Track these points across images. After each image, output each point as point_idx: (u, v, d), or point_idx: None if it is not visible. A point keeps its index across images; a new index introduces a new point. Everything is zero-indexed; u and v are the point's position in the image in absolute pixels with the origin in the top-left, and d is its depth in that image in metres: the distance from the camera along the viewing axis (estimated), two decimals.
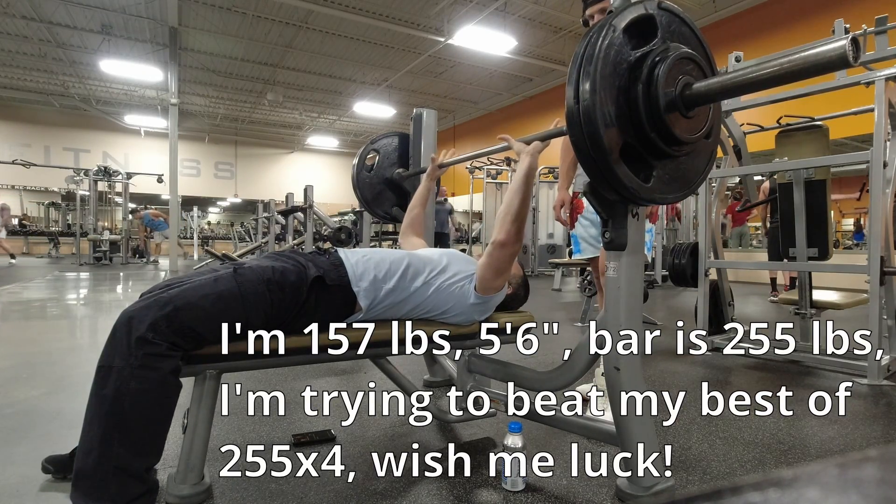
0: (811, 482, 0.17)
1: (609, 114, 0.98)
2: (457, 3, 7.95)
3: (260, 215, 9.79)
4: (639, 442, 1.25)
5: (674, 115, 1.01)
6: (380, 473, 1.42)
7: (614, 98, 0.99)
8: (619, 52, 0.99)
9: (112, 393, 1.07)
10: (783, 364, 2.78)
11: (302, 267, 1.35)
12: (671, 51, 1.02)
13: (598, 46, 0.97)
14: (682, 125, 1.03)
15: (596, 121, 0.96)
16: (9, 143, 14.14)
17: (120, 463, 1.06)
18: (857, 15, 4.60)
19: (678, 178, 1.12)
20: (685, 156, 1.10)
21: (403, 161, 2.42)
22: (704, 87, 0.99)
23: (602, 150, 0.97)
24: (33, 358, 2.61)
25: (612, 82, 0.99)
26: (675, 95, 1.00)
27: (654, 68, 1.00)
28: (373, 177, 2.38)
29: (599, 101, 0.96)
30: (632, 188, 1.03)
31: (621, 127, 1.00)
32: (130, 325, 1.11)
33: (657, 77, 0.98)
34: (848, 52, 0.75)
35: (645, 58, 1.01)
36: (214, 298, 1.20)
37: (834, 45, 0.77)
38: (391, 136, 2.47)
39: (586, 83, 0.96)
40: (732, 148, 3.30)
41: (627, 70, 1.01)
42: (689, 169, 1.14)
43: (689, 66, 1.03)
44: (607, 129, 0.97)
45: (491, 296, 1.56)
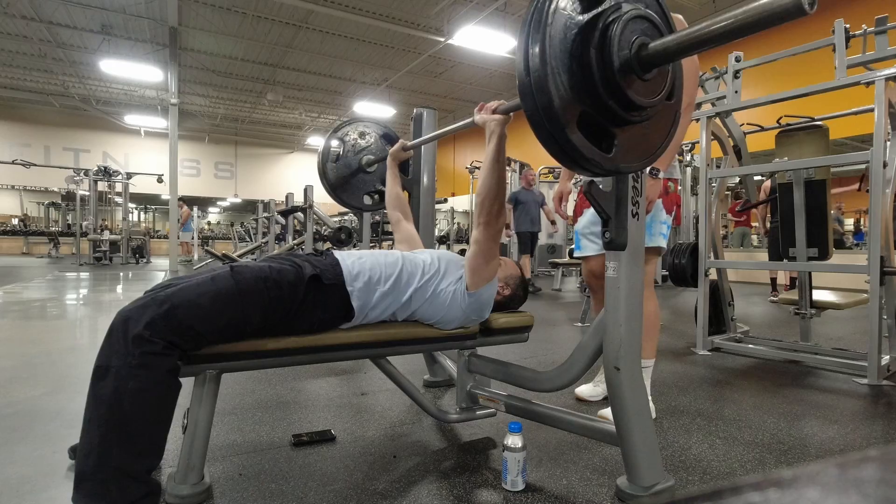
0: (811, 482, 0.17)
1: (562, 83, 0.92)
2: (457, 3, 7.95)
3: (260, 215, 9.79)
4: (639, 442, 1.25)
5: (630, 78, 0.95)
6: (380, 473, 1.42)
7: (567, 65, 0.93)
8: (568, 15, 0.94)
9: (110, 393, 1.06)
10: (783, 364, 2.78)
11: (298, 267, 1.35)
12: (624, 10, 0.96)
13: (546, 11, 0.91)
14: (640, 88, 0.97)
15: (549, 91, 0.90)
16: (9, 143, 14.15)
17: (120, 464, 1.05)
18: (857, 15, 4.60)
19: (642, 144, 1.07)
20: (647, 120, 1.04)
21: (369, 148, 2.35)
22: (661, 45, 0.93)
23: (558, 121, 0.92)
24: (33, 358, 2.61)
25: (563, 48, 0.92)
26: (631, 57, 0.94)
27: (606, 30, 0.94)
28: (339, 166, 2.30)
29: (551, 71, 0.90)
30: (593, 160, 0.98)
31: (576, 96, 0.94)
32: (127, 324, 1.10)
33: (610, 39, 0.93)
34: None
35: (596, 20, 0.95)
36: (212, 296, 1.20)
37: None
38: (355, 123, 2.39)
39: (535, 51, 0.90)
40: (732, 148, 3.30)
41: (579, 34, 0.94)
42: (652, 134, 1.08)
43: (643, 25, 0.97)
44: (561, 99, 0.92)
45: (482, 289, 1.53)
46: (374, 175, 2.35)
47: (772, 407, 2.04)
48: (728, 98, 3.04)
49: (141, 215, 20.64)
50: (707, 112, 3.07)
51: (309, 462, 1.48)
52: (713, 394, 2.21)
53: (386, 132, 2.41)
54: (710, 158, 3.13)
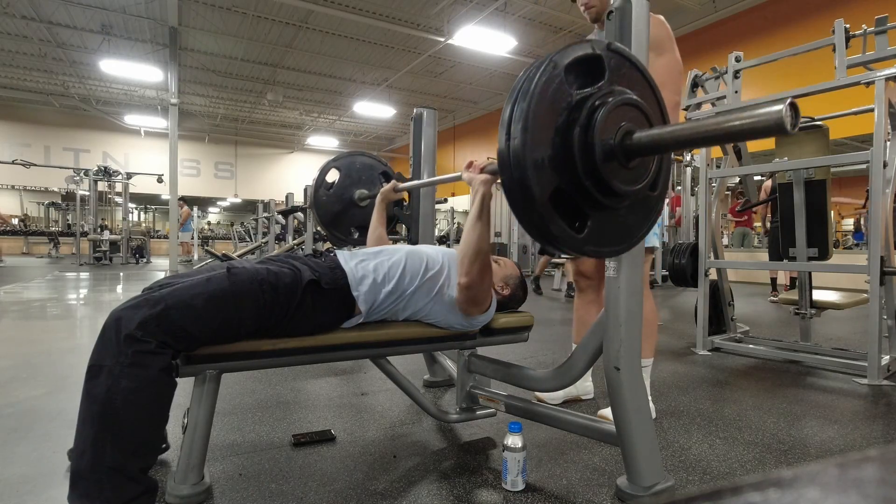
0: (811, 482, 0.17)
1: (541, 157, 0.90)
2: (457, 3, 7.95)
3: (260, 215, 9.79)
4: (639, 442, 1.25)
5: (612, 164, 0.93)
6: (380, 473, 1.42)
7: (549, 139, 0.91)
8: (558, 90, 0.91)
9: (103, 392, 1.06)
10: (783, 364, 2.78)
11: (296, 270, 1.33)
12: (614, 95, 0.94)
13: (535, 82, 0.89)
14: (622, 176, 0.94)
15: (525, 163, 0.88)
16: (9, 143, 14.15)
17: (114, 464, 1.05)
18: (857, 15, 4.60)
19: (617, 230, 1.03)
20: (625, 208, 1.01)
21: (365, 182, 2.37)
22: (646, 137, 0.91)
23: (531, 195, 0.89)
24: (33, 358, 2.61)
25: (547, 122, 0.91)
26: (615, 144, 0.92)
27: (593, 112, 0.91)
28: (331, 196, 2.31)
29: (530, 142, 0.88)
30: (562, 238, 0.94)
31: (554, 171, 0.92)
32: (119, 323, 1.10)
33: (596, 122, 0.90)
34: (785, 117, 0.71)
35: (586, 100, 0.93)
36: (206, 298, 1.19)
37: (772, 108, 0.72)
38: (356, 155, 2.41)
39: (519, 120, 0.88)
40: (732, 148, 3.30)
41: (566, 111, 0.92)
42: (628, 222, 1.05)
43: (632, 113, 0.95)
44: (538, 173, 0.89)
45: (477, 318, 1.54)
46: (365, 210, 2.34)
47: (772, 407, 2.04)
48: (728, 98, 3.04)
49: (141, 215, 20.64)
50: (707, 112, 3.07)
51: (309, 462, 1.48)
52: (713, 394, 2.21)
53: (385, 170, 2.41)
54: (710, 158, 3.13)
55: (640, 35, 1.25)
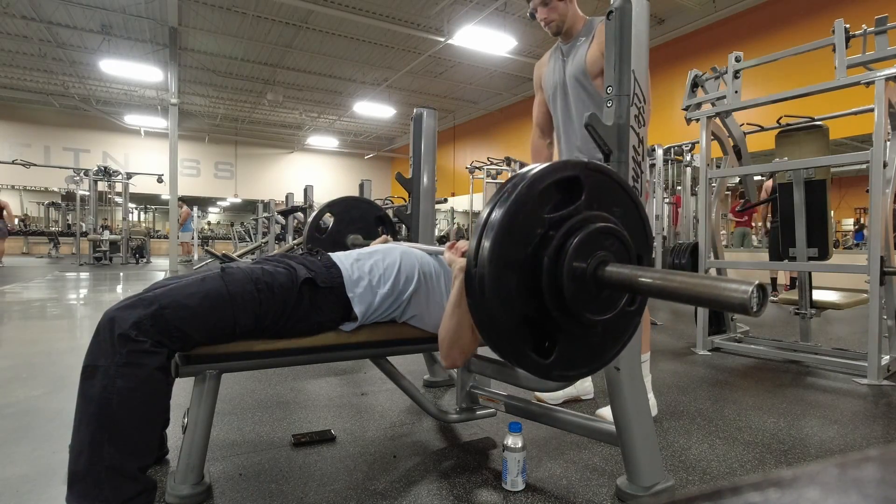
0: (811, 482, 0.17)
1: (508, 286, 0.87)
2: (457, 3, 7.94)
3: (260, 215, 9.79)
4: (639, 442, 1.25)
5: (583, 293, 0.89)
6: (380, 473, 1.42)
7: (519, 266, 0.88)
8: (529, 216, 0.88)
9: (98, 392, 1.05)
10: (783, 364, 2.78)
11: (292, 269, 1.32)
12: (589, 222, 0.90)
13: (508, 206, 0.86)
14: (594, 304, 0.91)
15: (490, 292, 0.86)
16: (9, 143, 14.15)
17: (111, 463, 1.05)
18: (857, 15, 4.60)
19: (588, 351, 1.00)
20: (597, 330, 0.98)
21: (359, 227, 2.38)
22: (618, 274, 0.88)
23: (495, 323, 0.87)
24: (33, 358, 2.61)
25: (517, 250, 0.88)
26: (587, 274, 0.89)
27: (565, 239, 0.88)
28: (325, 239, 2.33)
29: (497, 273, 0.86)
30: (526, 364, 0.92)
31: (521, 300, 0.89)
32: (113, 323, 1.09)
33: (567, 251, 0.87)
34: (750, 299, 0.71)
35: (560, 223, 0.89)
36: (201, 297, 1.18)
37: (740, 288, 0.72)
38: (352, 200, 2.44)
39: (486, 247, 0.85)
40: (732, 148, 3.30)
41: (540, 235, 0.89)
42: (602, 341, 1.01)
43: (608, 241, 0.92)
44: (503, 303, 0.87)
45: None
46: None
47: (772, 407, 2.04)
48: (728, 98, 3.04)
49: (141, 215, 20.64)
50: (707, 112, 3.07)
51: (309, 462, 1.48)
52: (713, 394, 2.21)
53: (380, 215, 2.43)
54: (710, 158, 3.13)
55: (640, 35, 1.25)
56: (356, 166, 18.97)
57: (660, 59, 8.17)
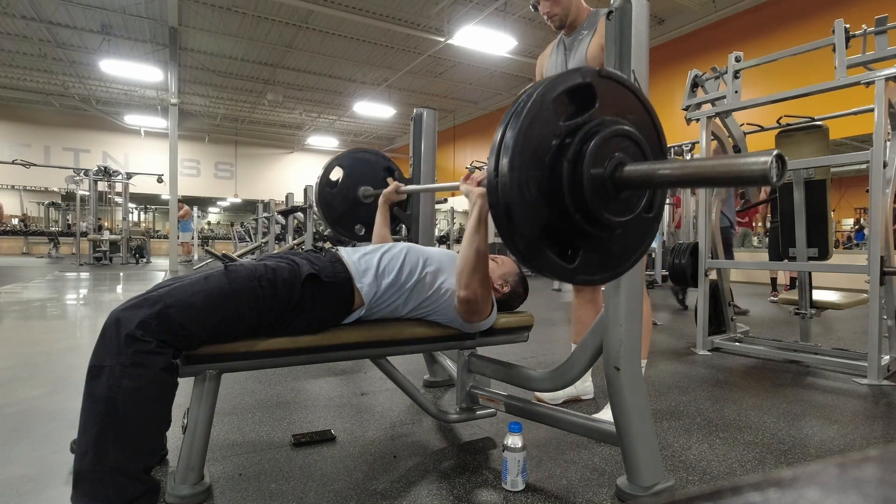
0: (811, 482, 0.17)
1: (529, 193, 0.89)
2: (457, 3, 7.95)
3: (260, 215, 9.79)
4: (639, 442, 1.25)
5: (602, 196, 0.91)
6: (380, 473, 1.42)
7: (536, 176, 0.89)
8: (547, 121, 0.89)
9: (104, 392, 1.06)
10: (783, 364, 2.78)
11: (295, 265, 1.34)
12: (605, 126, 0.91)
13: (524, 115, 0.87)
14: (613, 207, 0.93)
15: (513, 200, 0.87)
16: (9, 143, 14.15)
17: (116, 464, 1.05)
18: (857, 15, 4.60)
19: (610, 257, 1.02)
20: (618, 235, 1.00)
21: (369, 178, 2.39)
22: (636, 172, 0.89)
23: (520, 230, 0.88)
24: (33, 358, 2.61)
25: (535, 158, 0.89)
26: (605, 177, 0.90)
27: (583, 144, 0.89)
28: (336, 194, 2.32)
29: (518, 180, 0.87)
30: (552, 270, 0.94)
31: (543, 207, 0.90)
32: (119, 323, 1.10)
33: (585, 154, 0.89)
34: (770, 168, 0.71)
35: (576, 130, 0.90)
36: (205, 296, 1.19)
37: (759, 159, 0.72)
38: (358, 153, 2.42)
39: (505, 158, 0.87)
40: (732, 148, 3.30)
41: (556, 141, 0.90)
42: (623, 247, 1.03)
43: (624, 143, 0.93)
44: (526, 209, 0.88)
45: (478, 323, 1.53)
46: (369, 206, 2.35)
47: (772, 407, 2.04)
48: (728, 98, 3.04)
49: (141, 215, 20.64)
50: (707, 112, 3.07)
51: (309, 462, 1.48)
52: (713, 394, 2.21)
53: (388, 165, 2.42)
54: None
55: (640, 35, 1.25)
56: None
57: (660, 59, 8.17)
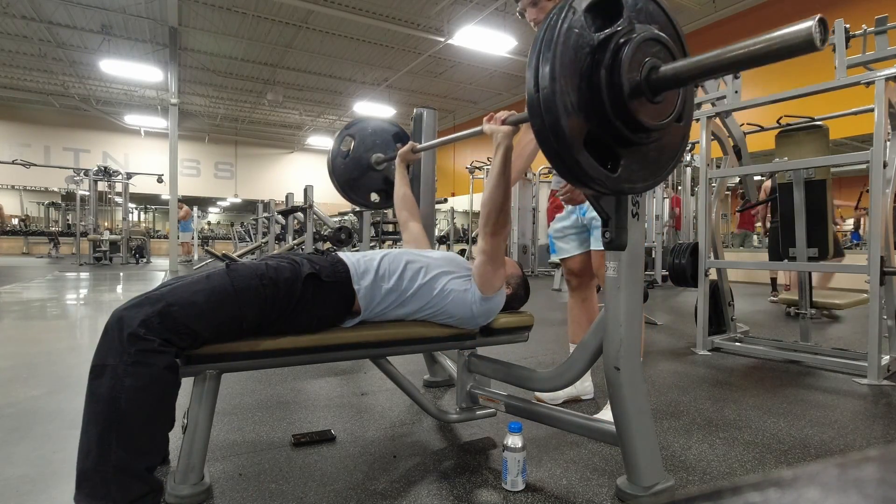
0: (811, 482, 0.17)
1: (570, 102, 0.92)
2: (457, 3, 7.95)
3: (260, 215, 9.79)
4: (639, 442, 1.25)
5: (640, 100, 0.95)
6: (380, 473, 1.42)
7: (576, 85, 0.93)
8: (580, 34, 0.93)
9: (107, 392, 1.06)
10: (783, 364, 2.77)
11: (296, 264, 1.35)
12: (636, 32, 0.95)
13: (558, 30, 0.91)
14: (649, 111, 0.97)
15: (556, 110, 0.91)
16: (9, 143, 14.14)
17: (119, 463, 1.05)
18: (857, 15, 4.60)
19: (648, 164, 1.07)
20: (654, 142, 1.05)
21: (379, 146, 2.39)
22: (672, 70, 0.93)
23: (564, 140, 0.92)
24: (33, 358, 2.61)
25: (573, 68, 0.93)
26: (641, 80, 0.94)
27: (617, 52, 0.93)
28: (348, 162, 2.33)
29: (559, 89, 0.91)
30: (598, 179, 0.98)
31: (584, 115, 0.94)
32: (122, 322, 1.10)
33: (621, 61, 0.93)
34: (815, 34, 0.71)
35: (608, 40, 0.94)
36: (207, 294, 1.19)
37: (801, 26, 0.72)
38: (367, 121, 2.43)
39: (546, 69, 0.91)
40: (732, 148, 3.30)
41: (590, 54, 0.94)
42: (659, 155, 1.09)
43: (655, 48, 0.97)
44: (569, 118, 0.92)
45: (494, 295, 1.54)
46: (382, 173, 2.37)
47: (772, 407, 2.04)
48: (728, 98, 3.04)
49: (141, 215, 20.64)
50: (707, 112, 3.07)
51: (309, 462, 1.48)
52: (713, 394, 2.20)
53: (397, 131, 2.42)
54: (710, 158, 3.13)
55: None
56: None
57: None
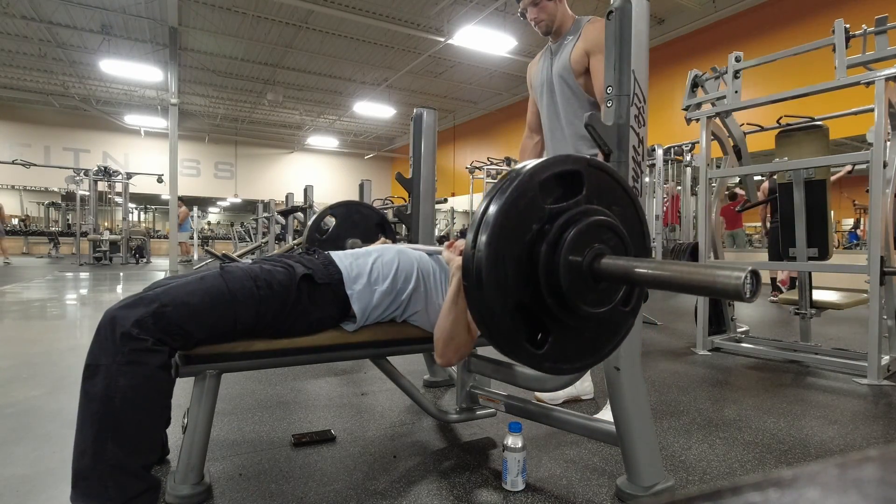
0: (811, 482, 0.17)
1: (505, 272, 0.89)
2: (457, 3, 7.94)
3: (260, 215, 9.79)
4: (639, 442, 1.25)
5: (579, 285, 0.91)
6: (380, 473, 1.42)
7: (516, 254, 0.90)
8: (530, 204, 0.90)
9: (101, 391, 1.06)
10: (783, 364, 2.78)
11: (289, 267, 1.34)
12: (588, 215, 0.92)
13: (507, 195, 0.88)
14: (590, 297, 0.93)
15: (488, 275, 0.87)
16: (9, 143, 14.14)
17: (115, 462, 1.05)
18: (857, 15, 4.60)
19: (581, 346, 1.00)
20: (591, 325, 0.99)
21: (360, 232, 2.43)
22: (613, 266, 0.90)
23: (489, 307, 0.88)
24: (33, 358, 2.61)
25: (516, 236, 0.89)
26: (583, 266, 0.90)
27: (563, 230, 0.90)
28: (325, 241, 2.39)
29: (494, 257, 0.87)
30: (518, 352, 0.93)
31: (518, 285, 0.90)
32: (115, 322, 1.09)
33: (565, 241, 0.89)
34: (743, 286, 0.72)
35: (558, 216, 0.91)
36: (202, 295, 1.19)
37: (733, 275, 0.73)
38: (354, 205, 2.50)
39: (484, 234, 0.87)
40: (732, 148, 3.30)
41: (538, 226, 0.91)
42: (595, 338, 1.02)
43: (606, 234, 0.94)
44: (500, 287, 0.88)
45: None
46: None
47: (772, 407, 2.04)
48: (728, 98, 3.04)
49: (141, 215, 20.64)
50: (707, 112, 3.07)
51: (309, 462, 1.48)
52: (713, 394, 2.21)
53: (381, 222, 2.48)
54: (710, 158, 3.13)
55: (640, 35, 1.25)
56: (356, 166, 18.97)
57: (660, 59, 8.17)
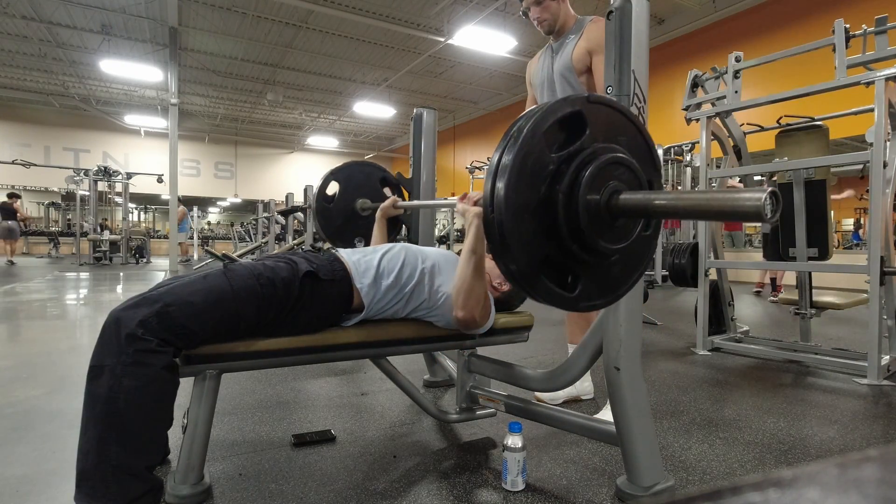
0: (811, 482, 0.17)
1: (526, 228, 0.88)
2: (457, 3, 7.94)
3: (260, 215, 9.80)
4: (639, 442, 1.25)
5: (599, 225, 0.90)
6: (380, 473, 1.42)
7: (532, 209, 0.89)
8: (538, 158, 0.88)
9: (105, 392, 1.06)
10: (783, 364, 2.78)
11: (293, 264, 1.35)
12: (597, 154, 0.90)
13: (515, 153, 0.86)
14: (610, 234, 0.92)
15: (511, 235, 0.87)
16: (9, 143, 14.14)
17: (119, 462, 1.05)
18: (857, 15, 4.60)
19: (610, 280, 1.01)
20: (617, 260, 0.99)
21: (365, 191, 2.36)
22: (632, 200, 0.89)
23: (519, 264, 0.88)
24: (33, 358, 2.61)
25: (529, 192, 0.88)
26: (601, 204, 0.89)
27: (577, 173, 0.88)
28: (333, 207, 2.32)
29: (514, 216, 0.87)
30: (553, 299, 0.93)
31: (540, 240, 0.90)
32: (119, 323, 1.10)
33: (579, 186, 0.88)
34: (764, 206, 0.71)
35: (569, 161, 0.89)
36: (205, 294, 1.19)
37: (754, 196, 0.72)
38: (354, 165, 2.42)
39: (500, 188, 0.86)
40: (732, 148, 3.30)
41: (550, 175, 0.90)
42: (623, 270, 1.03)
43: (618, 170, 0.92)
44: (524, 244, 0.88)
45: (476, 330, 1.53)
46: (368, 219, 2.33)
47: (772, 407, 2.04)
48: (728, 98, 3.04)
49: (141, 215, 20.63)
50: (707, 112, 3.07)
51: (309, 462, 1.48)
52: (713, 394, 2.21)
53: (383, 175, 2.40)
54: (710, 158, 3.13)
55: (640, 35, 1.25)
56: None
57: (660, 59, 8.17)
